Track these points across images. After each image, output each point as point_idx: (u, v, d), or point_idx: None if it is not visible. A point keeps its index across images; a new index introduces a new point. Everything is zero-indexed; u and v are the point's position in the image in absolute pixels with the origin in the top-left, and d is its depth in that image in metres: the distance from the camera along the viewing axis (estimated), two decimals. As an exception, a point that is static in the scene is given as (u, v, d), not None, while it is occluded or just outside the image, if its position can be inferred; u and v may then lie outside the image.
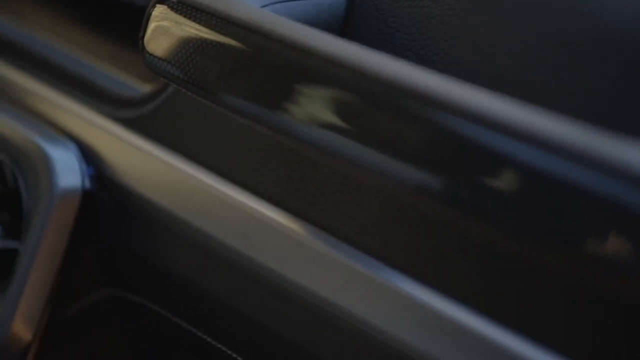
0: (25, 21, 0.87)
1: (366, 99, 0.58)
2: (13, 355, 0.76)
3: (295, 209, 0.65)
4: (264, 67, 0.63)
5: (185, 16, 0.63)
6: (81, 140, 0.76)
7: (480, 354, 0.56)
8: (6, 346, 0.74)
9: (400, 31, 0.66)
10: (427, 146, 0.54)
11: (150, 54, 0.64)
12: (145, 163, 0.72)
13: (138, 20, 0.79)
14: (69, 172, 0.74)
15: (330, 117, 0.61)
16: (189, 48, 0.64)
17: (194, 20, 0.63)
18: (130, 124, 0.74)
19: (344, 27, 0.70)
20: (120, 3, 0.83)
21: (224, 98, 0.64)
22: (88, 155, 0.75)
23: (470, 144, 0.52)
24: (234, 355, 0.67)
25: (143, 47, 0.65)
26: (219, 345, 0.68)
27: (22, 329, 0.74)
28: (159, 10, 0.64)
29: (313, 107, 0.60)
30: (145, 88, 0.75)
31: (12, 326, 0.73)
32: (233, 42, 0.62)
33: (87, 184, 0.74)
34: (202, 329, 0.69)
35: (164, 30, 0.64)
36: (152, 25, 0.65)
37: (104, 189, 0.74)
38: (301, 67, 0.62)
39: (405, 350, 0.58)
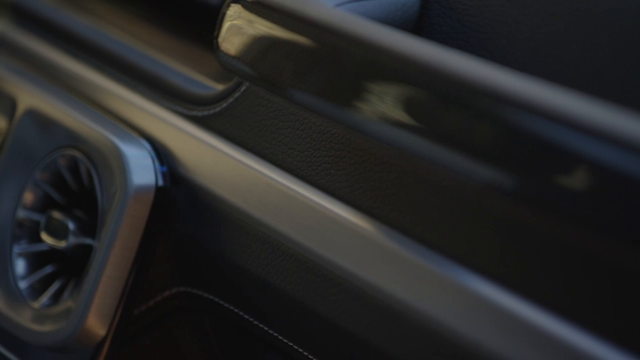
0: (99, 20, 0.88)
1: (440, 97, 0.58)
2: (87, 349, 0.77)
3: (367, 208, 0.65)
4: (337, 65, 0.64)
5: (259, 15, 0.64)
6: (155, 138, 0.77)
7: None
8: (81, 341, 0.75)
9: (474, 30, 0.66)
10: (502, 144, 0.54)
11: (225, 53, 0.65)
12: (217, 161, 0.73)
13: (211, 19, 0.80)
14: (143, 169, 0.74)
15: (404, 115, 0.61)
16: (263, 46, 0.64)
17: (268, 19, 0.63)
18: (203, 122, 0.74)
19: (417, 26, 0.70)
20: (194, 2, 0.83)
21: (297, 96, 0.64)
22: (161, 153, 0.76)
23: (547, 141, 0.51)
24: (305, 353, 0.67)
25: (217, 46, 0.66)
26: (290, 343, 0.68)
27: (96, 324, 0.75)
28: (234, 10, 0.65)
29: (387, 105, 0.60)
30: (218, 86, 0.76)
31: (87, 321, 0.74)
32: (307, 41, 0.62)
33: (161, 181, 0.75)
34: (273, 326, 0.69)
35: (239, 29, 0.65)
36: (226, 25, 0.65)
37: (177, 186, 0.75)
38: (375, 65, 0.62)
39: (478, 351, 0.58)
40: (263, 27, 0.63)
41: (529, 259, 0.57)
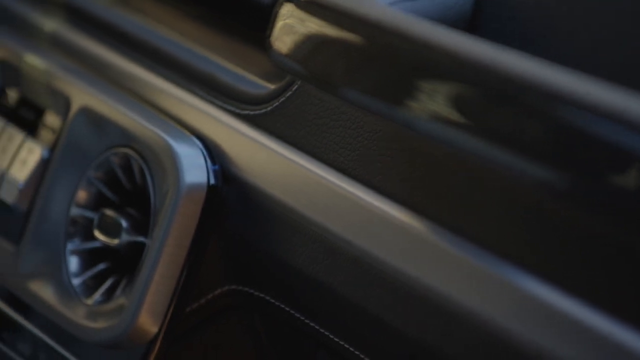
0: (151, 19, 0.88)
1: (493, 95, 0.58)
2: (139, 347, 0.78)
3: (419, 207, 0.64)
4: (390, 63, 0.64)
5: (312, 14, 0.64)
6: (207, 137, 0.77)
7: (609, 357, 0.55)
8: (133, 338, 0.75)
9: (529, 28, 0.65)
10: (557, 142, 0.54)
11: (277, 51, 0.65)
12: (268, 160, 0.73)
13: (263, 18, 0.80)
14: (195, 168, 0.75)
15: (457, 113, 0.61)
16: (316, 45, 0.64)
17: (321, 18, 0.63)
18: (255, 120, 0.75)
19: (471, 24, 0.70)
20: (246, 2, 0.84)
21: (349, 94, 0.64)
22: (213, 152, 0.76)
23: (601, 139, 0.51)
24: (357, 352, 0.67)
25: (270, 45, 0.66)
26: (341, 342, 0.68)
27: (149, 321, 0.75)
28: (287, 9, 0.65)
29: (439, 104, 0.60)
30: (270, 85, 0.76)
31: (139, 318, 0.75)
32: (359, 39, 0.62)
33: (212, 179, 0.75)
34: (323, 325, 0.69)
35: (291, 28, 0.65)
36: (279, 23, 0.66)
37: (228, 184, 0.75)
38: (427, 64, 0.62)
39: (530, 351, 0.57)
40: (316, 25, 0.63)
41: (586, 261, 0.56)
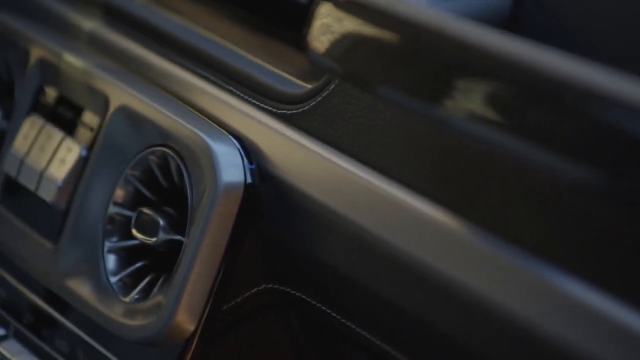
0: (188, 19, 0.89)
1: (532, 94, 0.58)
2: (176, 345, 0.78)
3: (455, 206, 0.64)
4: (428, 62, 0.64)
5: (350, 13, 0.64)
6: (243, 136, 0.77)
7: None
8: (170, 336, 0.76)
9: (568, 26, 0.65)
10: (597, 142, 0.53)
11: (315, 50, 0.65)
12: (305, 159, 0.73)
13: (299, 17, 0.80)
14: (232, 167, 0.75)
15: (495, 113, 0.61)
16: (353, 44, 0.64)
17: (359, 17, 0.63)
18: (292, 120, 0.75)
19: (510, 22, 0.69)
20: (282, 1, 0.84)
21: (386, 93, 0.64)
22: (250, 151, 0.76)
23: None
24: (393, 352, 0.67)
25: (308, 44, 0.66)
26: (378, 342, 0.68)
27: (186, 319, 0.76)
28: (325, 8, 0.65)
29: (476, 103, 0.60)
30: (307, 85, 0.76)
31: (176, 316, 0.75)
32: (398, 39, 0.62)
33: (249, 178, 0.75)
34: (360, 325, 0.69)
35: (329, 27, 0.65)
36: (317, 23, 0.66)
37: (265, 184, 0.75)
38: (465, 63, 0.62)
39: (564, 350, 0.57)
40: (353, 25, 0.64)
41: (623, 262, 0.56)
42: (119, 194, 0.81)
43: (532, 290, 0.59)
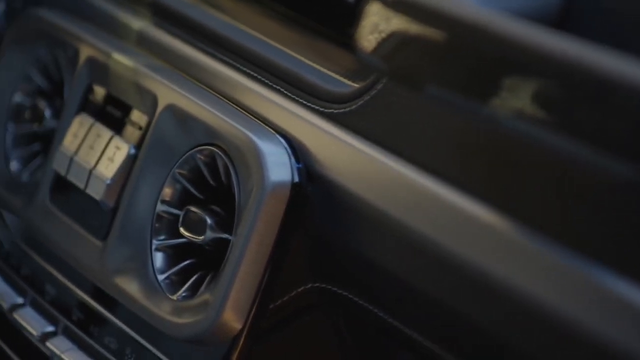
0: (235, 18, 0.89)
1: (580, 92, 0.57)
2: (223, 343, 0.79)
3: (503, 206, 0.64)
4: (477, 61, 0.63)
5: (399, 12, 0.64)
6: (291, 135, 0.77)
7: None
8: (217, 333, 0.76)
9: (621, 24, 0.65)
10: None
11: (364, 49, 0.65)
12: (353, 158, 0.73)
13: (346, 17, 0.80)
14: (279, 166, 0.75)
15: (543, 111, 0.60)
16: (402, 43, 0.64)
17: (409, 16, 0.63)
18: (340, 119, 0.75)
19: (561, 20, 0.69)
20: (330, 0, 0.84)
21: (435, 91, 0.64)
22: (297, 150, 0.76)
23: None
24: (441, 351, 0.67)
25: (357, 43, 0.66)
26: (426, 342, 0.68)
27: (233, 318, 0.76)
28: (374, 7, 0.65)
29: (525, 101, 0.60)
30: (354, 84, 0.76)
31: (223, 314, 0.75)
32: (446, 38, 0.62)
33: (297, 177, 0.75)
34: (408, 324, 0.69)
35: (378, 26, 0.65)
36: (366, 22, 0.66)
37: (313, 183, 0.75)
38: (513, 61, 0.62)
39: (611, 350, 0.57)
40: (402, 23, 0.63)
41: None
42: (167, 192, 0.82)
43: (584, 293, 0.58)
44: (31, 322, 0.91)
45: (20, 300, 0.94)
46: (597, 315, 0.58)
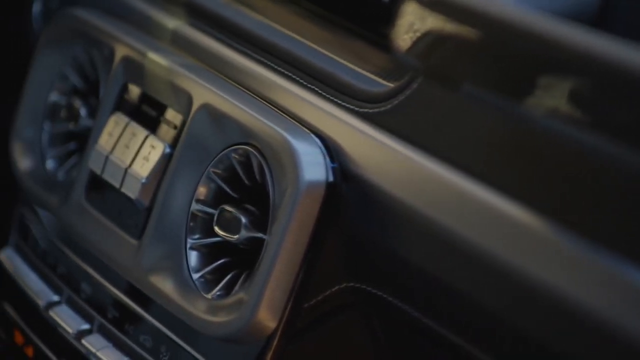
0: (269, 17, 0.89)
1: (616, 91, 0.57)
2: (258, 341, 0.79)
3: (541, 206, 0.63)
4: (513, 60, 0.63)
5: (436, 11, 0.64)
6: (325, 135, 0.77)
7: None
8: (252, 332, 0.76)
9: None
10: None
11: (400, 49, 0.65)
12: (388, 158, 0.73)
13: (379, 16, 0.80)
14: (314, 165, 0.75)
15: (581, 111, 0.60)
16: (439, 43, 0.64)
17: (445, 16, 0.63)
18: (375, 119, 0.75)
19: (598, 18, 0.68)
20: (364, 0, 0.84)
21: (471, 90, 0.64)
22: (332, 149, 0.76)
23: None
24: (477, 352, 0.67)
25: (393, 42, 0.66)
26: (462, 342, 0.68)
27: (267, 317, 0.76)
28: (410, 7, 0.65)
29: (563, 100, 0.60)
30: (389, 84, 0.76)
31: (258, 313, 0.75)
32: (482, 36, 0.62)
33: (331, 177, 0.75)
34: (444, 324, 0.69)
35: (414, 25, 0.65)
36: (402, 21, 0.66)
37: (347, 182, 0.75)
38: (550, 60, 0.61)
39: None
40: (438, 23, 0.63)
41: None
42: (202, 191, 0.82)
43: (624, 296, 0.58)
44: (67, 320, 0.92)
45: (56, 298, 0.95)
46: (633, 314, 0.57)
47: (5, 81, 1.18)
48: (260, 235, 0.78)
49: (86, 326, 0.92)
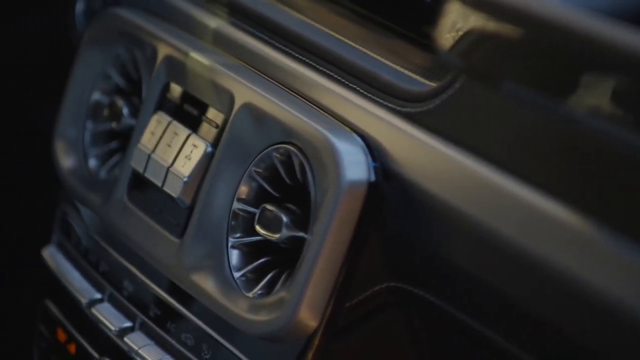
0: (310, 17, 0.89)
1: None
2: (299, 341, 0.79)
3: (587, 208, 0.63)
4: (555, 57, 0.63)
5: (478, 10, 0.63)
6: (367, 134, 0.77)
7: None
8: (293, 331, 0.76)
9: None
10: None
11: (442, 48, 0.65)
12: (430, 157, 0.72)
13: (421, 15, 0.80)
14: (356, 164, 0.75)
15: (625, 112, 0.59)
16: (482, 41, 0.64)
17: (488, 14, 0.63)
18: (416, 118, 0.74)
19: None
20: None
21: (515, 89, 0.64)
22: (374, 149, 0.76)
23: None
24: (520, 353, 0.67)
25: (435, 41, 0.66)
26: (504, 343, 0.67)
27: (309, 316, 0.76)
28: (453, 6, 0.65)
29: (608, 99, 0.59)
30: (431, 83, 0.76)
31: (299, 312, 0.76)
32: (527, 34, 0.62)
33: (373, 176, 0.75)
34: (486, 325, 0.69)
35: (457, 25, 0.65)
36: (445, 21, 0.65)
37: (389, 182, 0.75)
38: (595, 59, 0.61)
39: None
40: (481, 21, 0.63)
41: None
42: (243, 190, 0.82)
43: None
44: (109, 318, 0.93)
45: (98, 295, 0.96)
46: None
47: (48, 80, 1.19)
48: (301, 234, 0.78)
49: (128, 324, 0.92)
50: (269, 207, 0.79)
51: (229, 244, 0.82)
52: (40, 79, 1.30)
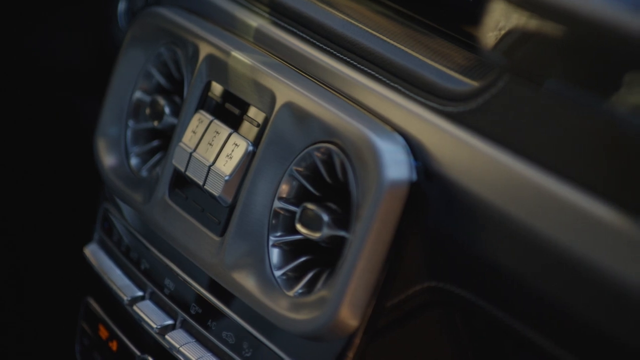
0: (349, 15, 0.89)
1: None
2: (339, 340, 0.79)
3: (627, 205, 0.62)
4: (601, 56, 0.62)
5: (522, 9, 0.63)
6: (408, 133, 0.77)
7: None
8: (334, 330, 0.76)
9: None
10: None
11: (486, 46, 0.65)
12: (472, 157, 0.72)
13: (465, 14, 0.79)
14: (397, 164, 0.75)
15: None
16: (525, 39, 0.63)
17: (531, 12, 0.63)
18: (458, 118, 0.74)
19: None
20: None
21: (558, 87, 0.63)
22: (415, 148, 0.76)
23: None
24: (561, 352, 0.66)
25: (478, 40, 0.66)
26: (546, 343, 0.67)
27: (349, 315, 0.76)
28: (496, 5, 0.65)
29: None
30: (473, 82, 0.75)
31: (340, 311, 0.76)
32: (571, 33, 0.61)
33: (414, 176, 0.75)
34: (529, 324, 0.68)
35: (501, 24, 0.64)
36: (489, 20, 0.65)
37: (430, 181, 0.75)
38: (634, 56, 0.61)
39: None
40: (525, 20, 0.63)
41: None
42: (284, 189, 0.82)
43: None
44: (151, 315, 0.93)
45: (140, 293, 0.96)
46: None
47: (91, 79, 1.20)
48: (342, 233, 0.78)
49: (169, 321, 0.93)
50: (309, 206, 0.79)
51: (270, 243, 0.82)
52: (83, 78, 1.31)
